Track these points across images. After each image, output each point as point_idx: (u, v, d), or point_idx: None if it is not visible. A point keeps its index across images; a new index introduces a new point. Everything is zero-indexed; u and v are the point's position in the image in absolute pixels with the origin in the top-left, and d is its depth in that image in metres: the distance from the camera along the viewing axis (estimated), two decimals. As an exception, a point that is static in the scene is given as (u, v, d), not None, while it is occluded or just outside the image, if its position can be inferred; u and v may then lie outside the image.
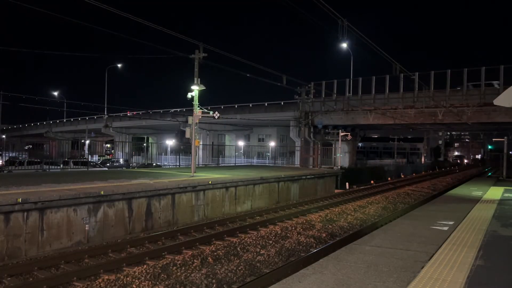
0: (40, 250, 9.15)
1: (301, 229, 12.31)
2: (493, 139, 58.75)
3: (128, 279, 7.52)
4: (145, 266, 8.37)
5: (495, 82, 26.55)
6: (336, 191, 23.40)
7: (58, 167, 24.10)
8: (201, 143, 27.44)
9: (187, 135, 16.37)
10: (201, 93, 16.33)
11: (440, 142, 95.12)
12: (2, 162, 28.29)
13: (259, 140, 53.76)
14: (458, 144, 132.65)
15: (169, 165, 28.35)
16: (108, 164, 35.71)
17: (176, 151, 37.11)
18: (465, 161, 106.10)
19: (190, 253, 9.32)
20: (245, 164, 35.43)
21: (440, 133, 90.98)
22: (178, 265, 8.40)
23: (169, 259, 8.83)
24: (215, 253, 9.33)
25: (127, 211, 11.28)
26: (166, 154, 45.23)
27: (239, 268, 8.30)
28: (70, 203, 9.77)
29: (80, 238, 9.99)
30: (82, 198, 10.01)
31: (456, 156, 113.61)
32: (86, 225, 10.14)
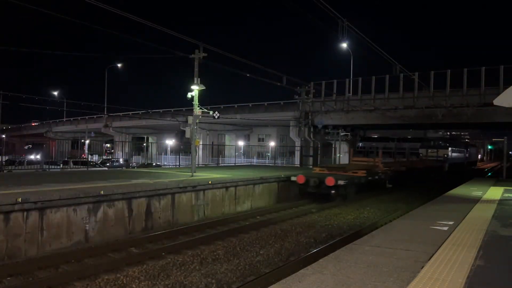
0: (40, 250, 9.14)
1: (301, 229, 12.30)
2: (493, 139, 58.82)
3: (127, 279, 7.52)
4: (144, 266, 8.37)
5: None
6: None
7: (58, 167, 24.13)
8: (201, 143, 27.43)
9: (187, 135, 16.38)
10: (201, 93, 16.32)
11: (440, 142, 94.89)
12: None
13: (259, 140, 53.71)
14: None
15: (169, 165, 28.34)
16: (108, 164, 35.70)
17: (176, 151, 37.08)
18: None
19: (190, 253, 9.32)
20: (245, 164, 35.42)
21: (440, 133, 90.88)
22: (178, 265, 8.39)
23: (169, 259, 8.82)
24: (215, 253, 9.32)
25: (127, 211, 11.27)
26: (166, 154, 45.19)
27: (239, 267, 8.30)
28: (70, 203, 9.76)
29: (80, 238, 9.98)
30: (82, 198, 10.01)
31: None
32: (86, 225, 10.13)
